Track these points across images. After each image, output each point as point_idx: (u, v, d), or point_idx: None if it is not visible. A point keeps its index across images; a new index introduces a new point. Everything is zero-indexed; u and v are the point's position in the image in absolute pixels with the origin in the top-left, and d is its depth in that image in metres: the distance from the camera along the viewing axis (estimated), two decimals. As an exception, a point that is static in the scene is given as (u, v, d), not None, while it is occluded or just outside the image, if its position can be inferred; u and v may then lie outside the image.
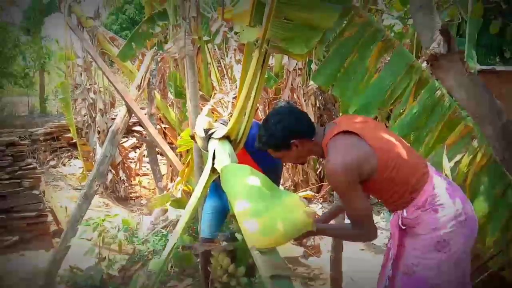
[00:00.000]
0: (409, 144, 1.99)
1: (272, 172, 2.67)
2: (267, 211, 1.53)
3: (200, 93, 4.00)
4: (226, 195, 1.81)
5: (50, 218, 4.64)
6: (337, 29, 2.45)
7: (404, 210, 1.80)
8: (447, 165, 2.11)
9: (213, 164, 2.15)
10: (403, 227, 1.82)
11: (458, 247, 1.74)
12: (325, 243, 3.94)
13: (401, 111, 2.42)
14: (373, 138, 1.77)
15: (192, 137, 2.67)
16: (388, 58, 2.49)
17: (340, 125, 1.87)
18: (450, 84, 1.90)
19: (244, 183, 1.72)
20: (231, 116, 2.87)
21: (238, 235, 1.94)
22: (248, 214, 1.54)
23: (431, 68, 1.96)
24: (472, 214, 1.79)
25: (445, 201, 1.74)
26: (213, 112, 3.42)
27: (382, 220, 5.36)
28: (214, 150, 2.18)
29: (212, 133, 2.34)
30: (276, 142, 1.89)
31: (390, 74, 2.36)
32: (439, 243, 1.73)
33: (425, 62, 2.15)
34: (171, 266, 3.84)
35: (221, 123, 2.64)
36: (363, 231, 1.80)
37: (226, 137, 2.28)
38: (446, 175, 2.07)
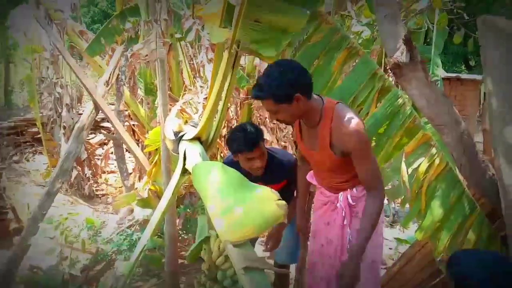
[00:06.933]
0: None
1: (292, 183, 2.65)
2: (239, 204, 1.54)
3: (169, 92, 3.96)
4: (199, 193, 1.81)
5: (10, 215, 4.49)
6: (304, 34, 2.47)
7: (354, 188, 2.09)
8: (405, 171, 2.17)
9: (184, 165, 2.14)
10: (353, 203, 2.09)
11: (381, 231, 2.14)
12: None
13: (363, 117, 2.47)
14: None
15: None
16: (353, 65, 2.54)
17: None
18: (412, 92, 1.95)
19: (216, 179, 1.71)
20: (201, 118, 2.85)
21: (212, 232, 1.90)
22: (220, 209, 1.54)
23: (394, 77, 2.01)
24: None
25: None
26: (182, 113, 3.39)
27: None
28: (185, 151, 2.16)
29: (183, 135, 2.32)
30: (281, 92, 1.80)
31: (354, 80, 2.41)
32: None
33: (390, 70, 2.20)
34: (136, 266, 3.79)
35: (192, 126, 2.62)
36: (380, 191, 1.93)
37: (197, 138, 2.27)
38: (404, 181, 2.15)
